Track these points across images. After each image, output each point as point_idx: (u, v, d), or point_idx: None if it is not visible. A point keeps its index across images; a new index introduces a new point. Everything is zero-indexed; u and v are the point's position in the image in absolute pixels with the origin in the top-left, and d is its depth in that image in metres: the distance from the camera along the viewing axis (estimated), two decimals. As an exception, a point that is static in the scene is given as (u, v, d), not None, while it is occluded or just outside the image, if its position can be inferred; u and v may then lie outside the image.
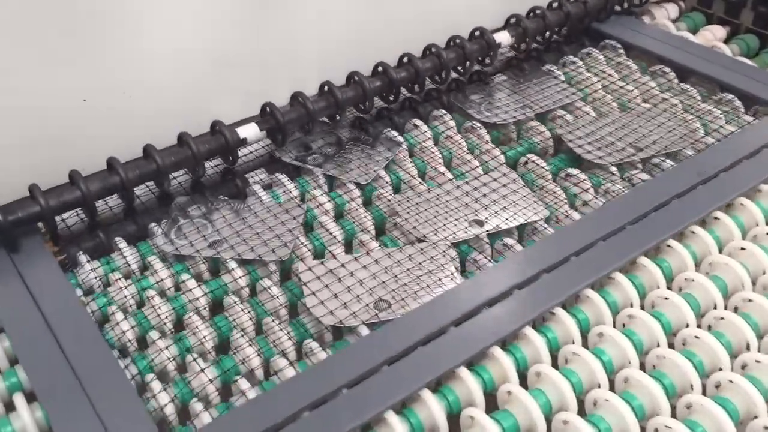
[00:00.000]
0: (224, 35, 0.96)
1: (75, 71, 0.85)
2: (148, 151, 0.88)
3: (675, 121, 1.01)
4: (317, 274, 0.80)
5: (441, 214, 0.88)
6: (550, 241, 0.83)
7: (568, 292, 0.77)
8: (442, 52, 1.06)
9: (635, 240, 0.83)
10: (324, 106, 0.98)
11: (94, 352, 0.71)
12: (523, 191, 0.91)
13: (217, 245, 0.83)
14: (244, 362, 0.72)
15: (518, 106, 1.05)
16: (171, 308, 0.78)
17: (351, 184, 0.93)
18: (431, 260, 0.81)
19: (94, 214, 0.86)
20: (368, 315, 0.75)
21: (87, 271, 0.81)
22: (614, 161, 0.95)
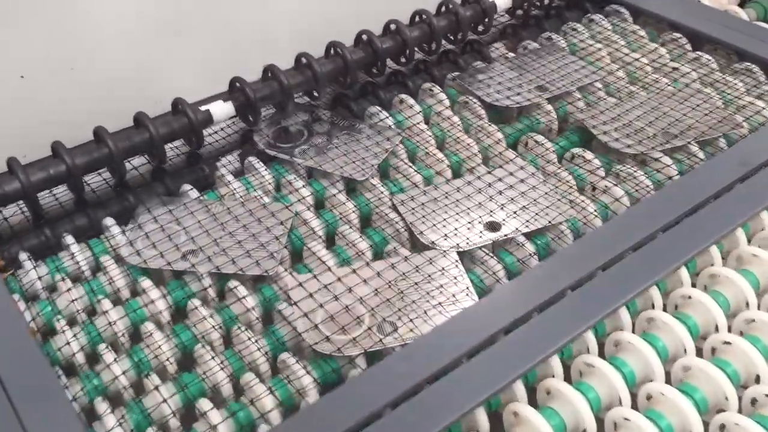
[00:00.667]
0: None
1: (9, 43, 0.74)
2: (99, 134, 0.77)
3: (711, 103, 0.89)
4: (309, 290, 0.68)
5: (451, 216, 0.76)
6: (573, 252, 0.71)
7: (599, 313, 0.65)
8: (432, 19, 0.95)
9: (670, 250, 0.71)
10: (301, 80, 0.87)
11: (31, 371, 0.61)
12: (543, 187, 0.79)
13: (192, 256, 0.71)
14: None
15: (532, 87, 0.93)
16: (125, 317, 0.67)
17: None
18: (442, 272, 0.70)
19: (37, 208, 0.75)
20: (371, 341, 0.63)
21: (29, 274, 0.71)
22: (645, 150, 0.83)
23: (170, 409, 0.60)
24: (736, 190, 0.77)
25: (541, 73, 0.95)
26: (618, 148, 0.84)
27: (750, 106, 0.90)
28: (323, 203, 0.81)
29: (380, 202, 0.79)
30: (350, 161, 0.82)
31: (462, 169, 0.84)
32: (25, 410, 0.57)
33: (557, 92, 0.92)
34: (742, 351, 0.64)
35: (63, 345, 0.64)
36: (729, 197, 0.77)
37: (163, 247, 0.72)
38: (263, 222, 0.74)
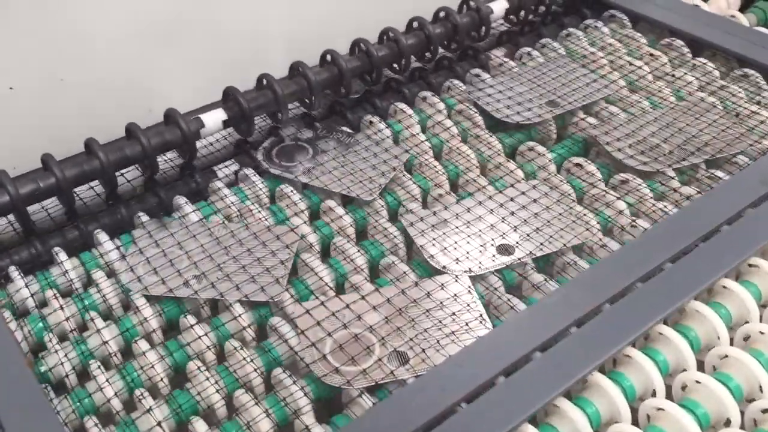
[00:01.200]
0: (177, 6, 0.84)
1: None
2: (90, 146, 0.76)
3: (727, 118, 0.87)
4: (317, 318, 0.65)
5: (462, 238, 0.73)
6: (583, 281, 0.68)
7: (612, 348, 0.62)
8: (428, 27, 0.94)
9: (683, 280, 0.67)
10: (295, 89, 0.86)
11: (19, 390, 0.59)
12: (557, 208, 0.76)
13: (196, 282, 0.69)
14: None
15: (543, 102, 0.90)
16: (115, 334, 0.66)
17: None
18: (454, 298, 0.67)
19: (27, 221, 0.74)
20: (382, 373, 0.61)
21: (19, 288, 0.70)
22: (662, 168, 0.81)
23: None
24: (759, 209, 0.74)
25: (552, 87, 0.93)
26: (633, 165, 0.81)
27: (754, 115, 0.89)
28: (318, 215, 0.79)
29: (378, 216, 0.78)
30: (357, 180, 0.80)
31: (460, 180, 0.83)
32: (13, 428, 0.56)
33: (569, 107, 0.89)
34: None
35: (54, 364, 0.63)
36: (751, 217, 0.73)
37: (165, 273, 0.69)
38: (268, 246, 0.72)
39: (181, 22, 0.85)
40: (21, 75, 0.75)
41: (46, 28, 0.75)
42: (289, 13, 0.93)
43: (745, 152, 0.83)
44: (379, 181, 0.80)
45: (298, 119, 0.89)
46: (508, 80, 0.94)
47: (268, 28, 0.92)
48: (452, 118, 0.91)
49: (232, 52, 0.90)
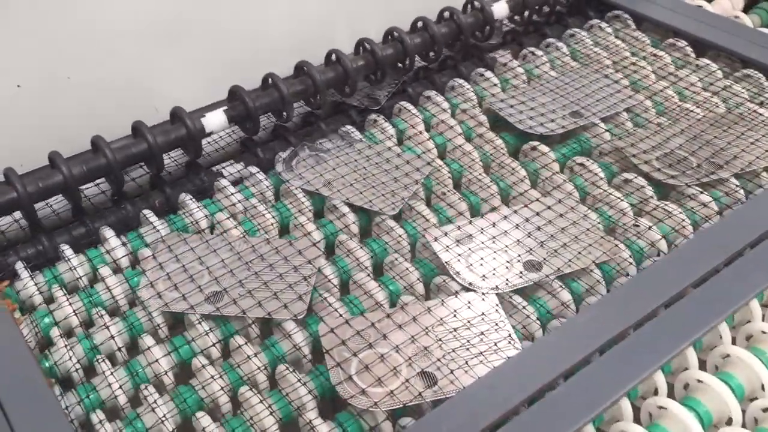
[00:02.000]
0: (183, 4, 0.84)
1: (4, 53, 0.73)
2: (96, 144, 0.76)
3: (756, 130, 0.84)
4: (342, 337, 0.64)
5: (488, 254, 0.72)
6: (604, 309, 0.65)
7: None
8: (432, 27, 0.94)
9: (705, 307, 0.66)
10: (301, 89, 0.87)
11: (26, 384, 0.60)
12: (585, 223, 0.75)
13: (217, 299, 0.68)
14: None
15: (566, 113, 0.89)
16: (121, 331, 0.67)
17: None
18: (482, 317, 0.66)
19: (34, 218, 0.74)
20: (409, 396, 0.59)
21: (26, 284, 0.70)
22: (691, 182, 0.79)
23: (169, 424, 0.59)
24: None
25: (575, 98, 0.91)
26: (661, 179, 0.79)
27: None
28: (323, 213, 0.80)
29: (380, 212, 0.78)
30: (379, 194, 0.79)
31: (463, 179, 0.84)
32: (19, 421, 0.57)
33: (593, 119, 0.88)
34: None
35: (60, 358, 0.64)
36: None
37: (186, 289, 0.68)
38: (290, 261, 0.71)
39: (184, 21, 0.85)
40: (28, 74, 0.76)
41: (53, 27, 0.76)
42: (290, 12, 0.93)
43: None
44: (402, 194, 0.78)
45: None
46: (530, 90, 0.93)
47: (270, 27, 0.93)
48: (456, 117, 0.91)
49: (236, 52, 0.91)
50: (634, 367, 0.60)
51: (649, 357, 0.61)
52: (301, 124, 0.91)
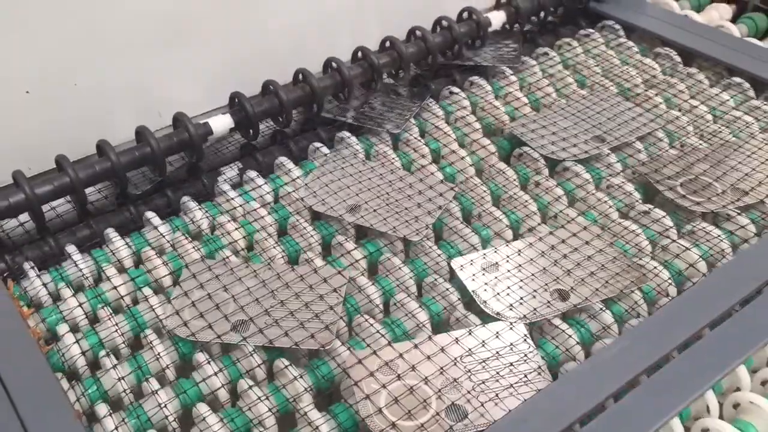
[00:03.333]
0: (187, 12, 0.88)
1: (15, 60, 0.77)
2: (102, 147, 0.79)
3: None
4: (370, 369, 0.64)
5: (515, 283, 0.72)
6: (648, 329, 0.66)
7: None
8: (428, 36, 0.97)
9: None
10: (299, 95, 0.90)
11: (34, 376, 0.63)
12: (611, 251, 0.74)
13: (243, 328, 0.68)
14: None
15: (588, 137, 0.89)
16: (123, 335, 0.69)
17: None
18: (511, 348, 0.66)
19: (41, 219, 0.77)
20: (440, 430, 0.59)
21: (34, 283, 0.73)
22: (717, 208, 0.79)
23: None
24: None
25: (597, 122, 0.91)
26: (686, 205, 0.79)
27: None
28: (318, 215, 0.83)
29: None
30: (403, 220, 0.78)
31: (455, 181, 0.86)
32: (29, 414, 0.60)
33: (616, 143, 0.88)
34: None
35: (66, 353, 0.66)
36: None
37: (212, 318, 0.68)
38: (315, 289, 0.71)
39: (191, 28, 0.88)
40: (36, 79, 0.79)
41: (60, 35, 0.79)
42: (290, 21, 0.96)
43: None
44: (426, 220, 0.79)
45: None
46: (552, 114, 0.93)
47: (270, 37, 0.96)
48: (450, 124, 0.94)
49: (236, 60, 0.94)
50: (678, 394, 0.60)
51: (696, 380, 0.61)
52: (299, 130, 0.94)
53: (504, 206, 0.82)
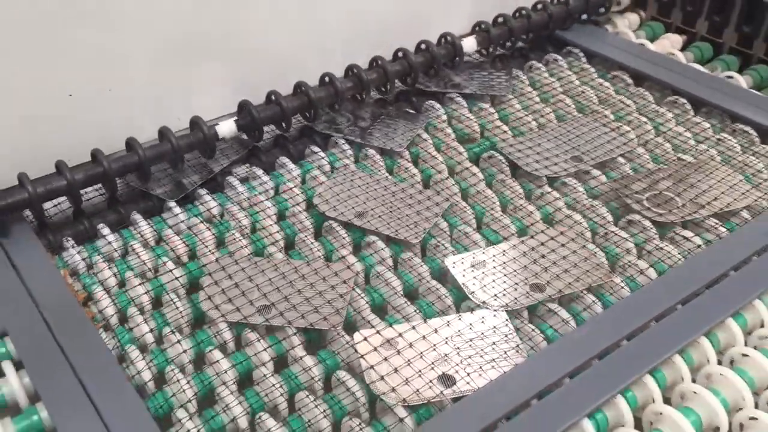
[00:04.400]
0: (203, 31, 1.03)
1: (61, 68, 0.92)
2: (131, 144, 0.94)
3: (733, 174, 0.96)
4: (374, 344, 0.75)
5: (499, 277, 0.83)
6: (605, 318, 0.78)
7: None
8: (410, 56, 1.12)
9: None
10: (298, 104, 1.04)
11: (76, 326, 0.76)
12: (583, 252, 0.86)
13: (266, 311, 0.79)
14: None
15: (568, 157, 1.01)
16: (149, 289, 0.83)
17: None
18: (494, 330, 0.77)
19: (78, 202, 0.91)
20: (432, 393, 0.70)
21: (72, 255, 0.87)
22: (676, 219, 0.90)
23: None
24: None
25: (576, 144, 1.03)
26: (651, 216, 0.90)
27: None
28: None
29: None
30: (404, 225, 0.90)
31: (430, 182, 1.00)
32: (75, 356, 0.74)
33: (591, 162, 1.00)
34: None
35: (103, 306, 0.80)
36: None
37: (239, 303, 0.80)
38: (327, 281, 0.82)
39: (208, 44, 1.03)
40: (77, 85, 0.93)
41: (99, 49, 0.93)
42: (289, 40, 1.11)
43: (750, 207, 0.92)
44: (424, 225, 0.90)
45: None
46: (536, 137, 1.05)
47: (275, 56, 1.11)
48: (429, 132, 1.09)
49: (244, 73, 1.09)
50: (624, 373, 0.72)
51: (637, 363, 0.72)
52: (298, 135, 1.09)
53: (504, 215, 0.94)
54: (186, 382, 0.73)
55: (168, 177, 0.98)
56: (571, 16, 1.28)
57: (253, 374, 0.76)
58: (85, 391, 0.70)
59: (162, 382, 0.74)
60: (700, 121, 1.09)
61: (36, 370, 0.72)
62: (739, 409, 0.72)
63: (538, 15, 1.25)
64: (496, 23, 1.23)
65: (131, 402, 0.69)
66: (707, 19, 1.32)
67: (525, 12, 1.24)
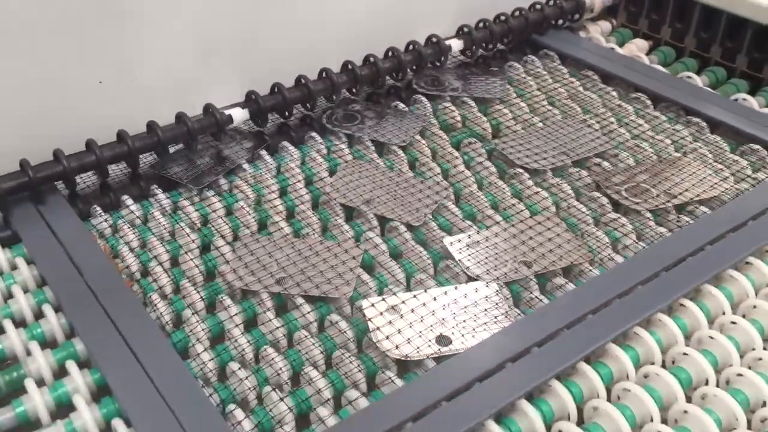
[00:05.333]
0: (217, 31, 1.16)
1: (94, 59, 1.06)
2: (151, 126, 1.06)
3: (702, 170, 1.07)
4: (380, 310, 0.84)
5: (492, 255, 0.93)
6: (576, 293, 0.87)
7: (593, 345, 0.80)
8: (400, 55, 1.26)
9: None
10: (298, 95, 1.17)
11: (109, 282, 0.88)
12: (566, 235, 0.96)
13: (284, 282, 0.89)
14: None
15: (555, 153, 1.11)
16: (167, 250, 0.96)
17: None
18: (486, 299, 0.87)
19: (105, 176, 1.04)
20: (430, 351, 0.79)
21: (100, 221, 1.00)
22: (650, 207, 1.01)
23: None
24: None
25: (563, 141, 1.14)
26: (628, 205, 1.01)
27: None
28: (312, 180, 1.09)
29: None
30: (407, 210, 1.00)
31: (416, 164, 1.13)
32: (107, 301, 0.86)
33: (577, 158, 1.10)
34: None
35: (128, 263, 0.93)
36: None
37: (260, 275, 0.90)
38: (339, 257, 0.92)
39: (216, 48, 1.17)
40: (107, 74, 1.07)
41: (125, 41, 1.07)
42: (291, 39, 1.24)
43: (718, 197, 1.03)
44: (424, 211, 1.00)
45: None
46: (527, 135, 1.16)
47: (279, 52, 1.24)
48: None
49: (253, 68, 1.22)
50: (592, 337, 0.80)
51: (602, 329, 0.81)
52: (299, 123, 1.22)
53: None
54: (199, 322, 0.85)
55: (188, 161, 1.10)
56: (546, 21, 1.41)
57: (258, 318, 0.88)
58: (115, 327, 0.82)
59: (180, 323, 0.87)
60: (658, 114, 1.22)
61: (72, 312, 0.84)
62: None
63: (516, 20, 1.38)
64: (478, 27, 1.36)
65: (156, 337, 0.81)
66: (670, 26, 1.45)
67: (504, 17, 1.37)
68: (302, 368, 0.80)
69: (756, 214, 0.98)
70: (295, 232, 0.99)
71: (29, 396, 0.76)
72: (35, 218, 0.97)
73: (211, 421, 0.72)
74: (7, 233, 0.96)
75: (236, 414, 0.75)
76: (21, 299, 0.86)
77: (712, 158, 1.11)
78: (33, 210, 0.98)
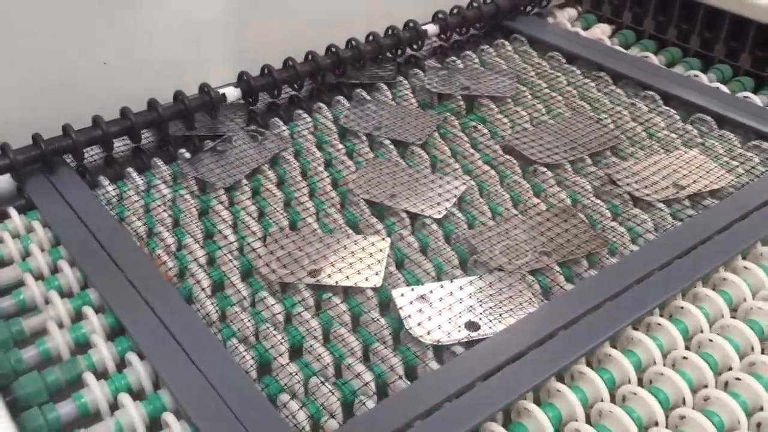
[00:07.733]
0: (212, 14, 1.26)
1: (99, 41, 1.15)
2: (152, 104, 1.16)
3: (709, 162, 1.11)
4: (410, 299, 0.88)
5: (513, 245, 0.96)
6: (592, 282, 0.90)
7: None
8: (380, 39, 1.35)
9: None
10: (286, 76, 1.27)
11: (119, 241, 0.97)
12: (582, 226, 0.99)
13: (315, 274, 0.92)
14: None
15: (568, 148, 1.16)
16: (170, 214, 1.05)
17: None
18: (510, 287, 0.90)
19: (111, 149, 1.13)
20: (460, 336, 0.83)
21: (108, 190, 1.09)
22: (660, 198, 1.05)
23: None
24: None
25: (573, 137, 1.18)
26: (639, 196, 1.05)
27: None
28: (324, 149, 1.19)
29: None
30: (428, 204, 1.03)
31: (405, 153, 1.23)
32: (123, 262, 0.95)
33: (586, 152, 1.14)
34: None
35: (136, 227, 1.02)
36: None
37: (292, 267, 0.93)
38: (366, 249, 0.96)
39: (211, 31, 1.27)
40: (111, 55, 1.16)
41: (127, 25, 1.16)
42: (279, 27, 1.34)
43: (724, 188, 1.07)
44: (445, 204, 1.04)
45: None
46: (539, 131, 1.20)
47: (271, 41, 1.34)
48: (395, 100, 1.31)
49: (246, 51, 1.32)
50: (616, 319, 0.85)
51: (621, 314, 0.85)
52: (287, 103, 1.31)
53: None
54: (204, 275, 0.94)
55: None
56: (516, 8, 1.52)
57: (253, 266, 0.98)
58: (127, 279, 0.91)
59: (183, 274, 0.96)
60: (616, 90, 1.32)
61: (86, 266, 0.94)
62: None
63: (488, 7, 1.48)
64: (453, 13, 1.47)
65: (163, 285, 0.91)
66: (630, 11, 1.56)
67: (477, 4, 1.48)
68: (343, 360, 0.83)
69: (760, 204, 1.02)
70: (287, 200, 1.09)
71: (51, 336, 0.85)
72: (47, 187, 1.06)
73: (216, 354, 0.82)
74: (22, 201, 1.05)
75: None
76: (39, 256, 0.95)
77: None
78: (45, 180, 1.07)
